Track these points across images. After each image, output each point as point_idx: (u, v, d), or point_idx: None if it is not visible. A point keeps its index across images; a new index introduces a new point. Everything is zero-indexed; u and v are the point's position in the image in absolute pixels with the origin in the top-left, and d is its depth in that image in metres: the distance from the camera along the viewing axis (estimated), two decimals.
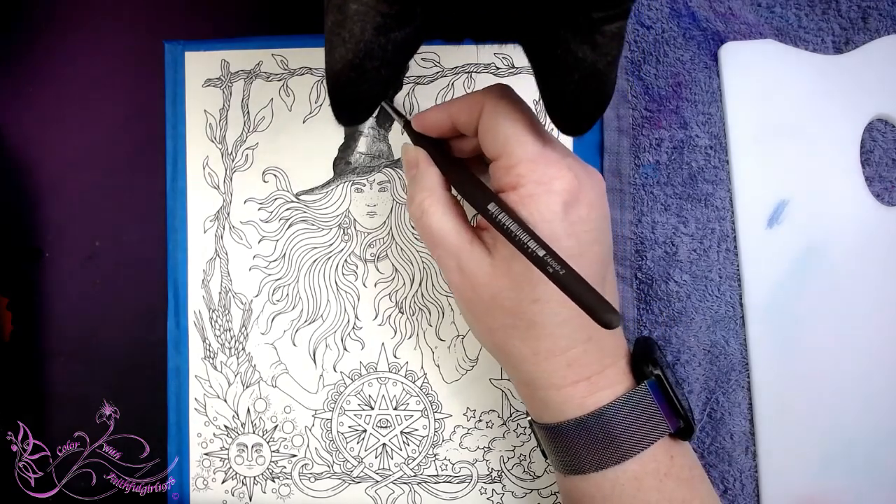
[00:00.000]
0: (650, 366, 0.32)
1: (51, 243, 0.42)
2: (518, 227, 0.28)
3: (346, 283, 0.40)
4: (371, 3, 0.23)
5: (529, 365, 0.31)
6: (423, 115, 0.34)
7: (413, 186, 0.33)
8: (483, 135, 0.31)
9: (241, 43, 0.41)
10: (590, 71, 0.24)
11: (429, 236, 0.32)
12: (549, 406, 0.32)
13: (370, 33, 0.23)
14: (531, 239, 0.27)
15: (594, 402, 0.31)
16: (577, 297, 0.25)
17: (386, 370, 0.40)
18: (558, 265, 0.26)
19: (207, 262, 0.41)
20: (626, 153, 0.39)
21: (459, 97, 0.33)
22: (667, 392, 0.31)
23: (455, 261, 0.32)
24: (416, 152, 0.33)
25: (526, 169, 0.29)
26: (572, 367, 0.31)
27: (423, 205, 0.32)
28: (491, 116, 0.30)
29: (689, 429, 0.31)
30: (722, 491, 0.38)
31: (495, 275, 0.31)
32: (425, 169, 0.33)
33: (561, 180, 0.29)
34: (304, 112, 0.40)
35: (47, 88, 0.42)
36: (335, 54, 0.24)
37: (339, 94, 0.25)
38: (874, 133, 0.38)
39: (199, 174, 0.41)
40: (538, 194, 0.29)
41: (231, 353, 0.41)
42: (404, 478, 0.40)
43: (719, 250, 0.39)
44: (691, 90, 0.39)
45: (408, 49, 0.25)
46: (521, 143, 0.30)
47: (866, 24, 0.38)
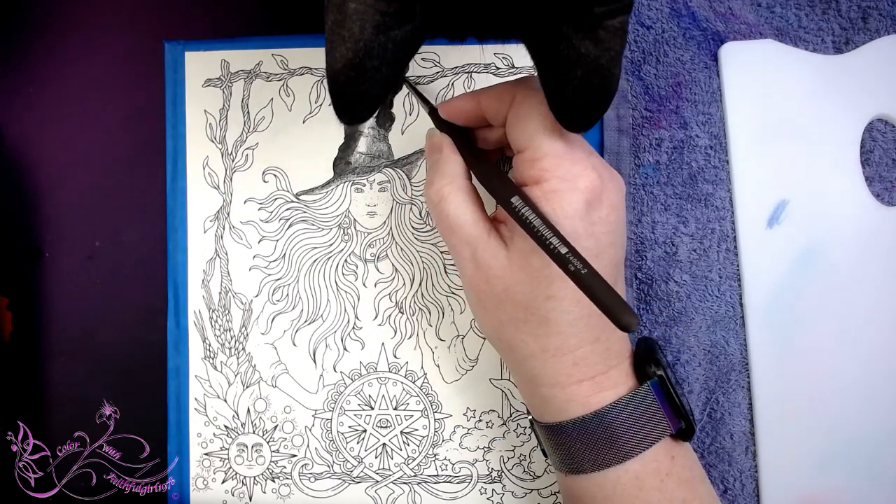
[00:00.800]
0: (653, 366, 0.32)
1: (51, 243, 0.42)
2: (541, 222, 0.28)
3: (346, 283, 0.40)
4: (370, 1, 0.23)
5: (537, 361, 0.31)
6: (451, 102, 0.34)
7: (433, 172, 0.33)
8: (511, 126, 0.31)
9: (241, 43, 0.41)
10: (593, 66, 0.24)
11: (445, 223, 0.32)
12: (552, 404, 0.32)
13: (370, 32, 0.23)
14: (553, 235, 0.27)
15: (597, 401, 0.31)
16: (596, 297, 0.25)
17: (386, 370, 0.40)
18: (580, 264, 0.26)
19: (207, 262, 0.41)
20: (626, 153, 0.39)
21: (489, 86, 0.32)
22: (669, 392, 0.31)
23: (470, 250, 0.31)
24: (441, 138, 0.33)
25: (551, 164, 0.29)
26: (578, 365, 0.31)
27: (444, 191, 0.32)
28: (521, 108, 0.30)
29: (690, 429, 0.32)
30: (722, 491, 0.38)
31: (511, 268, 0.30)
32: (448, 155, 0.33)
33: (585, 178, 0.29)
34: (304, 112, 0.40)
35: (47, 88, 0.42)
36: (335, 53, 0.24)
37: (339, 93, 0.25)
38: (874, 133, 0.38)
39: (199, 174, 0.41)
40: (562, 191, 0.29)
41: (231, 353, 0.41)
42: (404, 478, 0.40)
43: (719, 250, 0.39)
44: (691, 90, 0.39)
45: (408, 48, 0.25)
46: (548, 138, 0.30)
47: (866, 24, 0.38)
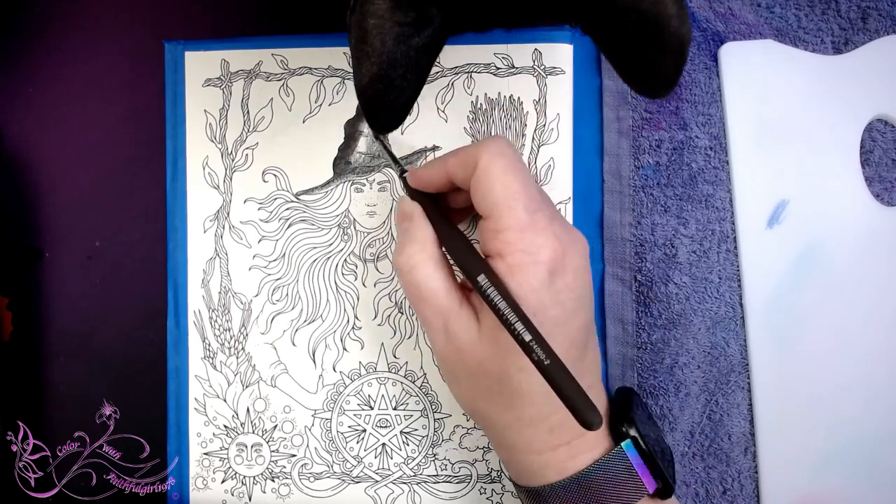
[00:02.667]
0: (625, 425, 0.32)
1: (51, 243, 0.42)
2: (506, 305, 0.28)
3: (346, 283, 0.40)
4: (387, 14, 0.23)
5: (511, 431, 0.31)
6: (420, 171, 0.34)
7: (404, 239, 0.33)
8: (474, 194, 0.31)
9: (241, 43, 0.41)
10: (659, 19, 0.23)
11: (416, 293, 0.32)
12: (529, 470, 0.32)
13: (391, 45, 0.24)
14: (518, 320, 0.27)
15: (574, 465, 0.31)
16: (559, 389, 0.26)
17: (385, 370, 0.40)
18: (544, 354, 0.26)
19: (207, 262, 0.41)
20: (625, 155, 0.39)
21: (455, 151, 0.32)
22: (644, 452, 0.31)
23: (442, 321, 0.31)
24: (412, 206, 0.33)
25: (513, 237, 0.29)
26: (554, 432, 0.31)
27: (413, 259, 0.32)
28: (483, 177, 0.30)
29: (668, 488, 0.31)
30: (721, 491, 0.38)
31: (482, 341, 0.30)
32: (419, 223, 0.33)
33: (547, 249, 0.29)
34: (304, 112, 0.40)
35: (47, 88, 0.42)
36: (361, 69, 0.24)
37: (370, 106, 0.25)
38: (874, 133, 0.38)
39: (198, 174, 0.41)
40: (526, 264, 0.29)
41: (230, 352, 0.41)
42: (404, 478, 0.40)
43: (719, 251, 0.39)
44: (691, 91, 0.39)
45: (431, 50, 0.25)
46: (510, 209, 0.30)
47: (866, 24, 0.38)
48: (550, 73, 0.39)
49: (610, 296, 0.39)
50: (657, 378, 0.38)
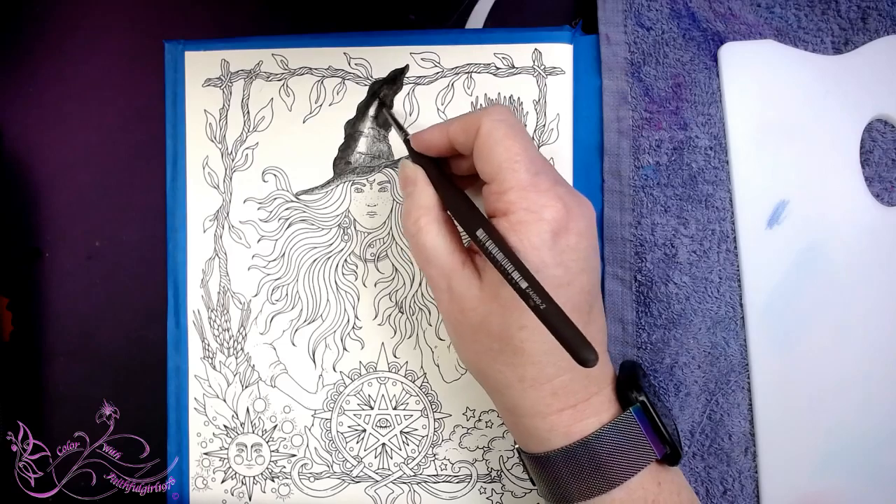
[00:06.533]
0: (635, 392, 0.32)
1: (51, 243, 0.42)
2: (504, 255, 0.28)
3: (346, 283, 0.40)
4: None
5: (514, 391, 0.31)
6: (422, 134, 0.34)
7: (409, 203, 0.33)
8: (477, 158, 0.31)
9: (241, 43, 0.41)
10: None
11: (422, 254, 0.32)
12: (534, 435, 0.32)
13: None
14: (515, 269, 0.27)
15: (580, 430, 0.31)
16: (556, 331, 0.26)
17: (385, 370, 0.40)
18: (540, 299, 0.26)
19: (206, 262, 0.41)
20: (625, 155, 0.39)
21: (458, 117, 0.33)
22: (652, 418, 0.31)
23: (446, 281, 0.32)
24: (415, 170, 0.34)
25: (517, 196, 0.30)
26: (558, 395, 0.31)
27: (420, 222, 0.32)
28: (485, 141, 0.31)
29: (676, 454, 0.31)
30: (722, 491, 0.38)
31: (484, 298, 0.31)
32: (422, 187, 0.33)
33: (551, 209, 0.29)
34: (304, 112, 0.40)
35: (47, 88, 0.42)
36: None
37: None
38: (874, 133, 0.38)
39: (198, 174, 0.41)
40: (528, 222, 0.29)
41: (230, 352, 0.41)
42: (404, 477, 0.40)
43: (719, 251, 0.39)
44: (691, 91, 0.39)
45: None
46: (513, 171, 0.30)
47: (866, 24, 0.38)
48: (550, 74, 0.39)
49: (610, 296, 0.39)
50: (657, 378, 0.38)
